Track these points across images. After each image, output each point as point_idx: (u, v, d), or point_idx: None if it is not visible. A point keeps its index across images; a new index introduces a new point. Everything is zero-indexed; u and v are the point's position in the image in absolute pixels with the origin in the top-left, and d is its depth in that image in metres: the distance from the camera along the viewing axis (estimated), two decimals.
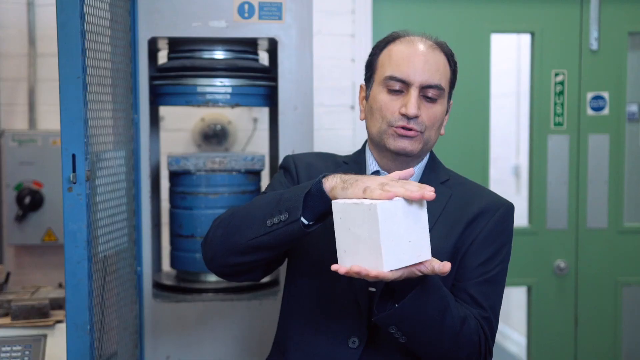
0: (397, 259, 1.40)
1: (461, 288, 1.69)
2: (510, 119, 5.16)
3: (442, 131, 1.77)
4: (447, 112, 1.77)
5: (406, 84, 1.67)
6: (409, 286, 1.50)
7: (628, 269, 3.51)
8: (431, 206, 1.62)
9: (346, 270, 1.40)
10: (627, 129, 3.50)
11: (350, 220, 1.42)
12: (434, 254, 1.46)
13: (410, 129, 1.67)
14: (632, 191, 3.64)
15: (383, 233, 1.37)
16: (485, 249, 1.71)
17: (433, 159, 1.81)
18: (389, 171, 1.73)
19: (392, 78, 1.67)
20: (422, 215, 1.44)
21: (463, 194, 1.76)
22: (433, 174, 1.77)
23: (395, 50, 1.71)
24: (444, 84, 1.70)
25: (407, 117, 1.66)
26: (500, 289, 1.74)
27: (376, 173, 1.74)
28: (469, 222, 1.71)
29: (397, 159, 1.72)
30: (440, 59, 1.71)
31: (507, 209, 1.76)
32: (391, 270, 1.39)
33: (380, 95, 1.70)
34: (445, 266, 1.43)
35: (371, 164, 1.76)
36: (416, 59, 1.67)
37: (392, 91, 1.68)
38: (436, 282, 1.55)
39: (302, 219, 1.49)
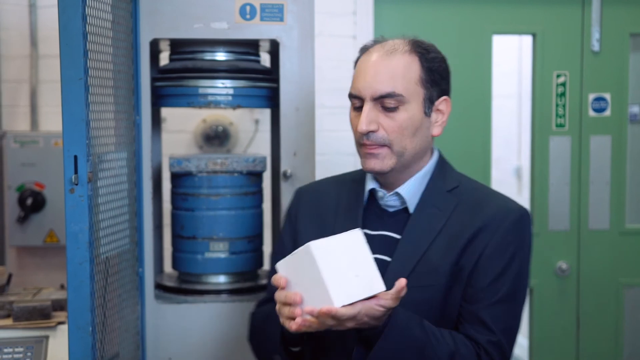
0: (347, 294, 1.39)
1: (470, 311, 1.59)
2: (511, 120, 5.16)
3: (435, 131, 1.66)
4: (427, 113, 1.64)
5: (362, 100, 1.63)
6: (380, 331, 1.48)
7: (630, 270, 3.51)
8: (433, 218, 1.62)
9: (298, 323, 1.41)
10: (629, 130, 3.50)
11: (295, 273, 1.44)
12: (432, 270, 1.52)
13: (371, 145, 1.62)
14: (634, 192, 3.63)
15: (323, 269, 1.39)
16: (494, 265, 1.60)
17: (442, 165, 1.72)
18: (387, 187, 1.69)
19: (351, 96, 1.66)
20: (364, 249, 1.46)
21: (471, 202, 1.66)
22: (440, 181, 1.68)
23: (357, 65, 1.69)
24: (402, 89, 1.60)
25: (363, 134, 1.63)
26: (515, 308, 1.62)
27: (373, 191, 1.70)
28: (472, 235, 1.61)
29: (382, 177, 1.69)
30: (398, 64, 1.62)
31: (517, 216, 1.63)
32: (344, 306, 1.38)
33: (350, 114, 1.69)
34: (400, 283, 1.44)
35: (369, 182, 1.73)
36: (367, 71, 1.63)
37: (355, 109, 1.67)
38: (404, 321, 1.49)
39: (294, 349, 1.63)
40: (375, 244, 1.62)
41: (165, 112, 3.00)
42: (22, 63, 3.18)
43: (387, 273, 1.60)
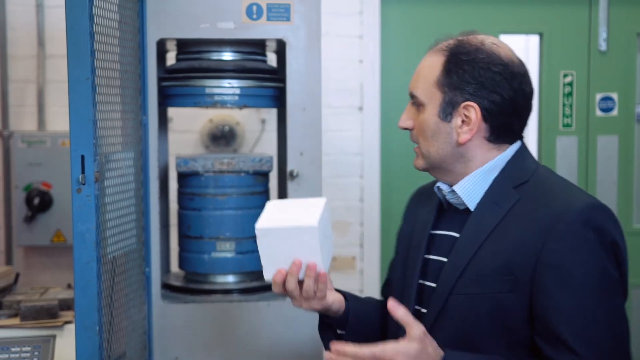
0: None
1: (546, 327, 1.42)
2: None
3: (461, 139, 1.52)
4: (446, 118, 1.54)
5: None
6: None
7: (638, 270, 3.49)
8: (490, 216, 1.50)
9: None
10: (636, 130, 3.49)
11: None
12: (482, 276, 1.45)
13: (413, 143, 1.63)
14: None
15: (261, 249, 1.55)
16: (556, 274, 1.41)
17: (517, 159, 1.56)
18: (452, 185, 1.59)
19: None
20: (314, 245, 1.52)
21: (534, 198, 1.49)
22: (509, 177, 1.54)
23: None
24: (420, 90, 1.57)
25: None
26: (601, 324, 1.40)
27: (438, 189, 1.62)
28: (525, 237, 1.45)
29: (432, 174, 1.64)
30: (425, 63, 1.58)
31: (578, 216, 1.41)
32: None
33: None
34: (395, 312, 1.39)
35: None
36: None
37: None
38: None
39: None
40: (436, 243, 1.61)
41: (171, 111, 3.00)
42: (29, 63, 3.19)
43: (440, 277, 1.54)
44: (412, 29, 3.39)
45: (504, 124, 1.54)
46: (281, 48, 2.32)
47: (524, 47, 4.93)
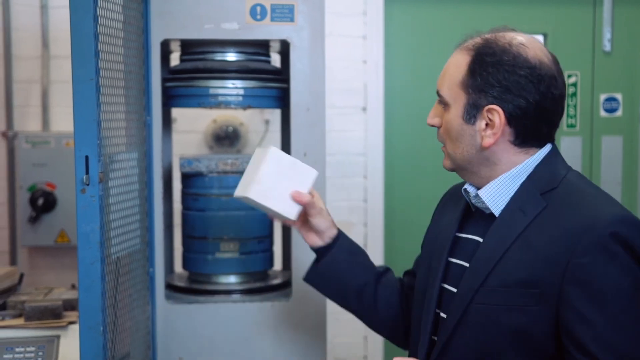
0: (264, 196, 1.73)
1: (576, 344, 1.36)
2: None
3: (485, 142, 1.49)
4: (470, 120, 1.50)
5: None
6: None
7: None
8: (515, 223, 1.46)
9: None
10: None
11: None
12: (503, 286, 1.41)
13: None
14: None
15: (263, 169, 1.73)
16: (578, 291, 1.36)
17: (546, 164, 1.51)
18: (479, 187, 1.56)
19: None
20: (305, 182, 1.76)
21: (560, 207, 1.44)
22: (538, 183, 1.49)
23: None
24: (445, 89, 1.54)
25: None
26: (634, 339, 1.35)
27: (465, 192, 1.59)
28: (549, 248, 1.40)
29: (460, 176, 1.61)
30: (452, 62, 1.55)
31: (608, 228, 1.35)
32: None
33: None
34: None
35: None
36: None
37: None
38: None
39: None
40: (460, 247, 1.58)
41: (175, 112, 3.01)
42: (33, 63, 3.19)
43: (460, 283, 1.52)
44: (415, 29, 3.39)
45: (531, 128, 1.49)
46: (285, 48, 2.32)
47: None
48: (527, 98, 1.47)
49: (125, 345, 1.93)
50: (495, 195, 1.52)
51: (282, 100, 2.33)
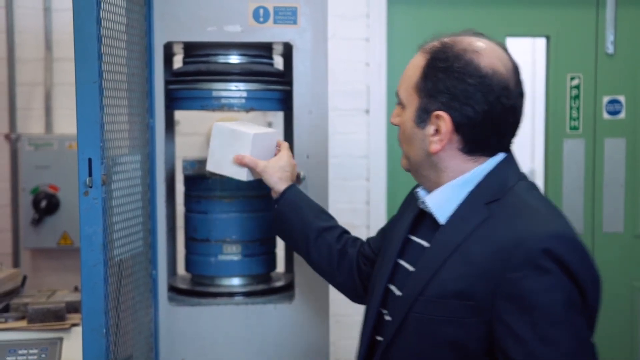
0: (218, 166, 2.04)
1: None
2: (525, 122, 5.12)
3: (432, 148, 1.48)
4: (420, 124, 1.49)
5: None
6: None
7: None
8: (455, 233, 1.45)
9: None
10: None
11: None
12: (441, 297, 1.40)
13: None
14: None
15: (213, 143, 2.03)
16: (507, 308, 1.33)
17: (496, 173, 1.49)
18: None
19: None
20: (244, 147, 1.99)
21: (501, 219, 1.41)
22: (484, 192, 1.47)
23: None
24: (402, 91, 1.54)
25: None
26: (564, 356, 1.31)
27: (417, 194, 1.60)
28: (484, 261, 1.37)
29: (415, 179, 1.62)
30: (414, 63, 1.54)
31: (540, 244, 1.32)
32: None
33: None
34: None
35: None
36: None
37: None
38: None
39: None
40: (409, 249, 1.58)
41: (178, 114, 3.01)
42: (36, 66, 3.20)
43: (404, 289, 1.52)
44: (418, 31, 3.39)
45: (479, 137, 1.47)
46: (288, 51, 2.32)
47: (530, 50, 4.93)
48: (475, 107, 1.44)
49: (128, 348, 1.93)
50: (440, 202, 1.51)
51: (285, 103, 2.33)
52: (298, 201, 1.97)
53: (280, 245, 2.46)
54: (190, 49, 2.33)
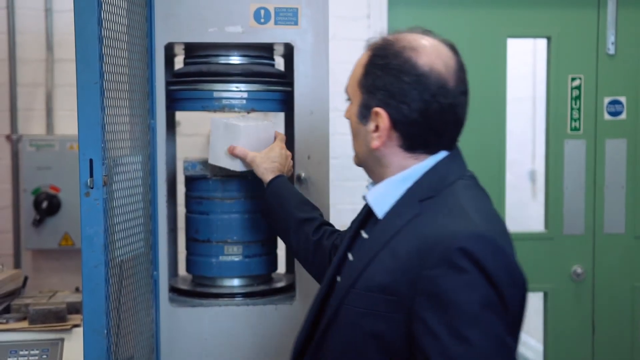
0: (216, 159, 2.17)
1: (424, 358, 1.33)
2: (526, 123, 5.14)
3: (373, 144, 1.50)
4: (363, 120, 1.52)
5: None
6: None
7: None
8: (389, 228, 1.46)
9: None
10: None
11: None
12: (369, 291, 1.42)
13: None
14: None
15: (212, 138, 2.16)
16: (423, 306, 1.34)
17: (435, 171, 1.50)
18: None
19: None
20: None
21: (429, 217, 1.42)
22: (421, 189, 1.48)
23: None
24: (349, 87, 1.57)
25: None
26: (480, 356, 1.30)
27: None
28: (409, 258, 1.38)
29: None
30: (359, 60, 1.56)
31: (456, 243, 1.33)
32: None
33: None
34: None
35: None
36: None
37: None
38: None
39: None
40: (356, 243, 1.60)
41: (179, 115, 3.01)
42: (37, 67, 3.20)
43: (340, 281, 1.55)
44: None
45: (416, 135, 1.48)
46: (289, 52, 2.32)
47: (531, 51, 4.93)
48: (410, 105, 1.45)
49: (129, 349, 1.93)
50: (379, 198, 1.53)
51: (286, 104, 2.34)
52: (282, 192, 2.04)
53: (281, 246, 2.46)
54: (191, 49, 2.34)
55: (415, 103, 1.45)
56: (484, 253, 1.32)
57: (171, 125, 2.52)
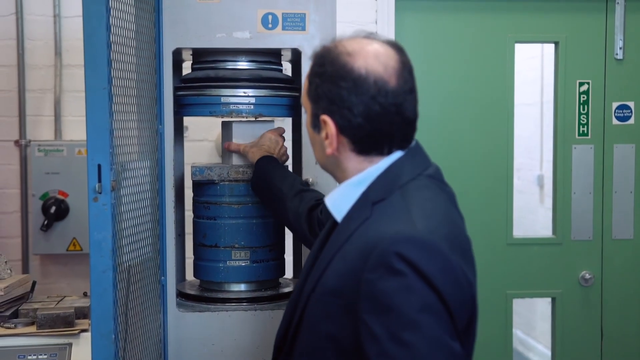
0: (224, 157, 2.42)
1: None
2: (533, 128, 5.14)
3: (327, 151, 1.50)
4: (315, 129, 1.51)
5: None
6: None
7: None
8: (343, 231, 1.47)
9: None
10: None
11: None
12: (323, 290, 1.43)
13: None
14: None
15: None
16: (372, 305, 1.33)
17: (389, 173, 1.49)
18: None
19: None
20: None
21: (376, 219, 1.42)
22: (375, 192, 1.47)
23: None
24: (303, 95, 1.55)
25: None
26: (420, 357, 1.28)
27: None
28: (355, 261, 1.38)
29: None
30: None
31: (392, 246, 1.33)
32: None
33: None
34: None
35: None
36: None
37: None
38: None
39: None
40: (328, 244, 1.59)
41: (187, 120, 3.02)
42: (46, 72, 3.21)
43: (306, 283, 1.55)
44: (426, 38, 3.39)
45: (364, 138, 1.47)
46: (296, 57, 2.33)
47: (539, 55, 4.93)
48: (352, 110, 1.44)
49: (137, 353, 1.93)
50: (337, 201, 1.53)
51: (294, 109, 2.34)
52: (268, 168, 2.20)
53: (288, 251, 2.47)
54: (199, 55, 2.34)
55: (356, 107, 1.44)
56: (419, 256, 1.31)
57: (179, 130, 2.53)
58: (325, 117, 1.47)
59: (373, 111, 1.44)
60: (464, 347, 1.37)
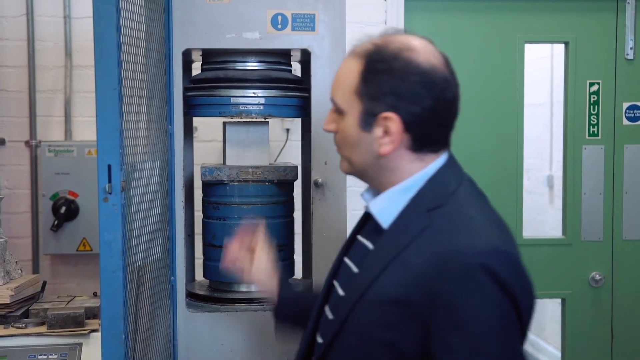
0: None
1: None
2: (543, 128, 5.12)
3: (383, 150, 1.46)
4: (367, 128, 1.47)
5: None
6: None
7: None
8: (397, 240, 1.44)
9: None
10: None
11: None
12: (379, 297, 1.40)
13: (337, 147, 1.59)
14: None
15: None
16: (450, 317, 1.32)
17: (437, 179, 1.49)
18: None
19: None
20: None
21: (441, 229, 1.40)
22: (427, 198, 1.47)
23: None
24: (339, 97, 1.51)
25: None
26: None
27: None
28: (423, 272, 1.36)
29: (362, 181, 1.62)
30: (343, 69, 1.52)
31: (477, 258, 1.32)
32: None
33: None
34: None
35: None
36: None
37: None
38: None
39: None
40: (354, 248, 1.59)
41: (197, 121, 3.02)
42: (56, 73, 3.22)
43: (348, 290, 1.51)
44: (435, 38, 3.35)
45: (427, 133, 1.47)
46: (306, 58, 2.33)
47: (549, 56, 4.91)
48: (422, 104, 1.44)
49: (147, 353, 1.93)
50: (383, 208, 1.50)
51: (303, 109, 2.34)
52: (295, 295, 1.96)
53: (298, 252, 2.47)
54: (209, 55, 2.34)
55: (427, 101, 1.44)
56: (502, 268, 1.32)
57: (189, 130, 2.53)
58: (388, 114, 1.44)
59: (440, 105, 1.45)
60: None
